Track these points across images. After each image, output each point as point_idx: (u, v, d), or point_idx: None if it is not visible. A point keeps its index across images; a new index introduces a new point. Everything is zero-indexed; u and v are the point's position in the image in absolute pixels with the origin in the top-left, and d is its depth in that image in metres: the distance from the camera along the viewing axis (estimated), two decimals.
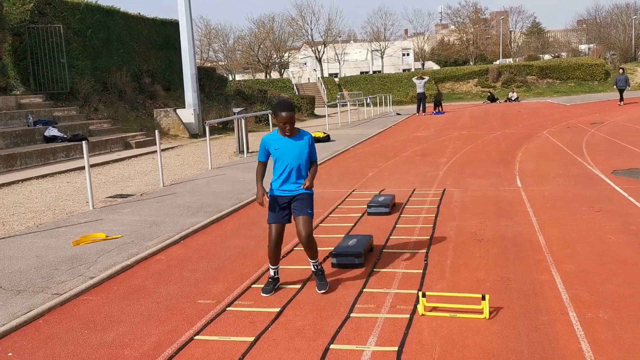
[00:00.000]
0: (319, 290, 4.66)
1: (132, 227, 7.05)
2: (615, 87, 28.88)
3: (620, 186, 8.41)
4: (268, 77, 65.63)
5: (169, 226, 7.06)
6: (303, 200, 4.65)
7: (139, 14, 23.87)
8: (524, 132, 17.68)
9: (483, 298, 4.04)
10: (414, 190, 8.94)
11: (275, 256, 4.75)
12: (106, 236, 6.58)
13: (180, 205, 8.37)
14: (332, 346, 3.70)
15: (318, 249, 4.74)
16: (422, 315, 4.10)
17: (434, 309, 4.18)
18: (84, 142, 8.44)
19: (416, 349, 3.62)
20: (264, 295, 4.66)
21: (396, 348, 3.63)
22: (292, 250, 5.95)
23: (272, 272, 4.81)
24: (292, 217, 4.69)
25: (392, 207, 7.56)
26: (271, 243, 4.69)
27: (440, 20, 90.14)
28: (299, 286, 4.86)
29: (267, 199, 4.73)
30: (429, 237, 6.19)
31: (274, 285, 4.77)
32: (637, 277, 4.67)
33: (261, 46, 68.32)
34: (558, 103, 34.15)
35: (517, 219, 6.84)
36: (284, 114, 4.47)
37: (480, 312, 4.05)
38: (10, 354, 3.81)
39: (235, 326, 4.09)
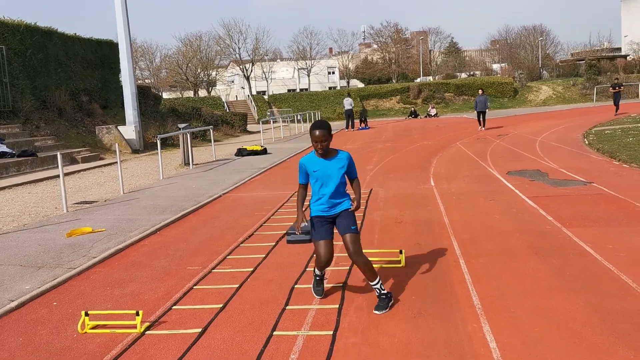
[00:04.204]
0: (375, 311, 4.51)
1: (111, 223, 8.27)
2: (475, 110, 25.70)
3: (510, 183, 10.41)
4: (196, 95, 66.31)
5: (143, 222, 8.34)
6: (346, 217, 4.63)
7: (75, 34, 24.54)
8: (440, 143, 19.87)
9: (400, 252, 5.70)
10: None
11: (325, 268, 4.77)
12: (92, 229, 7.78)
13: (146, 206, 9.62)
14: (296, 286, 5.22)
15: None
16: None
17: None
18: (58, 153, 9.53)
19: (355, 285, 5.19)
20: (318, 297, 4.84)
21: (341, 284, 5.20)
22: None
23: (318, 274, 4.86)
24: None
25: None
26: (321, 262, 4.62)
27: (364, 39, 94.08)
28: (263, 255, 6.34)
29: (306, 223, 4.77)
30: (360, 222, 7.83)
31: (323, 286, 4.93)
32: (507, 240, 6.48)
33: (189, 64, 68.98)
34: (472, 118, 37.14)
35: (429, 208, 8.61)
36: (317, 132, 4.46)
37: (399, 262, 5.69)
38: (55, 303, 5.07)
39: (222, 280, 5.53)
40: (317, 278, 4.88)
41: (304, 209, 4.84)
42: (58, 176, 14.91)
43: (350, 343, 3.98)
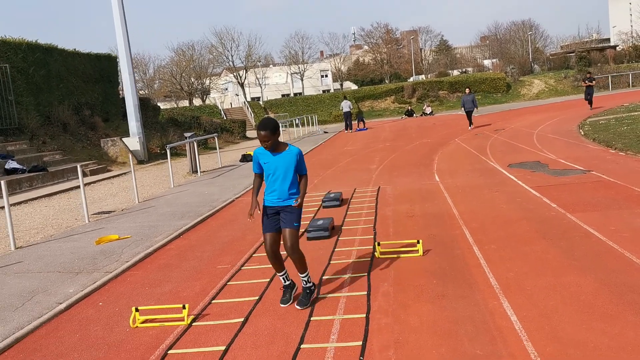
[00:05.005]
0: (297, 306, 4.83)
1: (135, 230, 8.64)
2: (462, 109, 24.69)
3: (512, 174, 10.82)
4: (191, 104, 66.62)
5: (165, 228, 8.70)
6: (290, 213, 4.83)
7: (75, 49, 24.89)
8: (439, 140, 20.28)
9: (418, 242, 6.09)
10: (355, 189, 10.98)
11: (277, 263, 4.91)
12: (119, 237, 8.15)
13: (164, 213, 9.98)
14: (323, 277, 5.60)
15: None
16: (379, 257, 6.08)
17: (386, 253, 6.17)
18: (78, 166, 9.88)
19: (379, 274, 5.57)
20: (283, 306, 4.89)
21: (366, 274, 5.58)
22: None
23: (282, 280, 5.01)
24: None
25: (341, 201, 9.55)
26: (267, 252, 4.87)
27: (354, 41, 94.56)
28: None
29: (259, 212, 4.95)
30: (373, 217, 8.22)
31: (290, 293, 5.01)
32: (515, 227, 6.88)
33: (183, 74, 69.27)
34: None
35: (437, 201, 9.00)
36: (262, 132, 4.68)
37: (417, 252, 6.07)
38: (100, 303, 5.44)
39: (253, 276, 5.91)
40: (283, 287, 5.02)
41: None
42: (70, 189, 15.35)
43: (383, 323, 4.36)
